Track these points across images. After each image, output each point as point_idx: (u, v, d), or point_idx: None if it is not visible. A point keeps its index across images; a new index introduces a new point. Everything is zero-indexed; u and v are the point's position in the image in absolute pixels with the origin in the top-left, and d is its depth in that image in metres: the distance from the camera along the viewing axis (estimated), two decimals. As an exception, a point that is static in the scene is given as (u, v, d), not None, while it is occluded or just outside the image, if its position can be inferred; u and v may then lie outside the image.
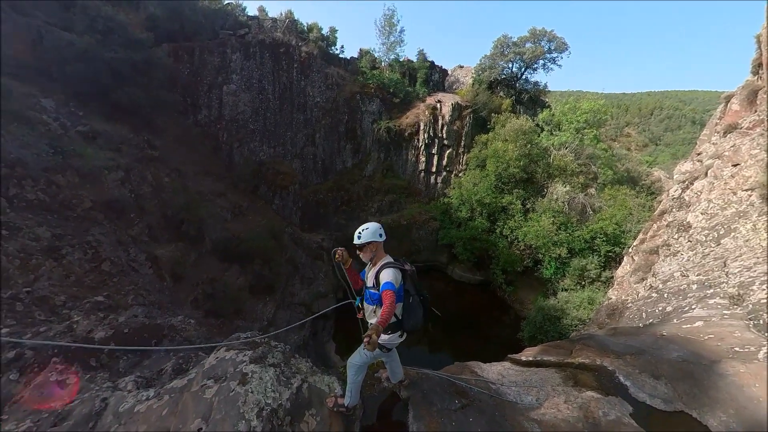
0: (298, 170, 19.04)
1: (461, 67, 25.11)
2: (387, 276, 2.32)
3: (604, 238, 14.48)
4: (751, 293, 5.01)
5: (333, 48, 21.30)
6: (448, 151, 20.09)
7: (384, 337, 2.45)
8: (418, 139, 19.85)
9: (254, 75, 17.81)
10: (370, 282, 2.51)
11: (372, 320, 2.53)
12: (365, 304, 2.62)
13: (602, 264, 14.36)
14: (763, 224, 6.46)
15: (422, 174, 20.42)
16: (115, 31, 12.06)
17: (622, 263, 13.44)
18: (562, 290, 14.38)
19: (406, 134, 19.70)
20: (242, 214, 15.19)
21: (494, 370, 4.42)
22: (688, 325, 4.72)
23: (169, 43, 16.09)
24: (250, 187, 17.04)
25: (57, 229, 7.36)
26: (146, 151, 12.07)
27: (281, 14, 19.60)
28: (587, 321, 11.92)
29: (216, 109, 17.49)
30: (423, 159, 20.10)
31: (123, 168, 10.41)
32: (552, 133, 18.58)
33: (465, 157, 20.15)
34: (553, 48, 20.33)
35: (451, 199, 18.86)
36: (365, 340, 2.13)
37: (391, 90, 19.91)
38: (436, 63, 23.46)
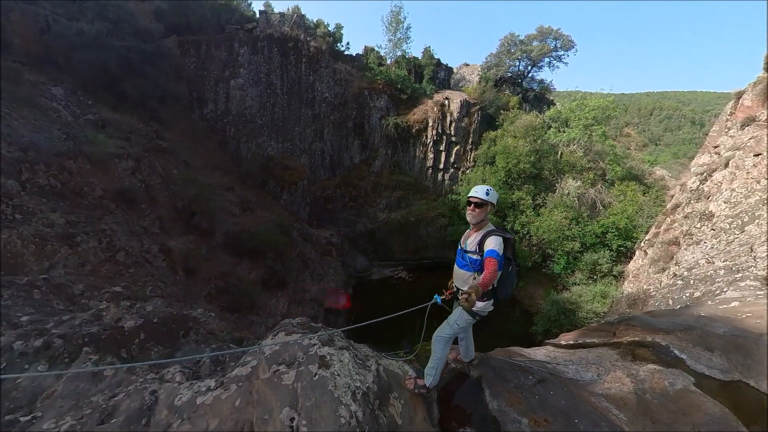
0: (306, 166, 18.83)
1: (467, 65, 25.15)
2: (492, 243, 2.25)
3: (615, 233, 14.50)
4: (782, 275, 5.08)
5: (339, 45, 21.19)
6: (456, 148, 20.05)
7: (479, 304, 2.35)
8: (426, 136, 19.78)
9: (262, 69, 17.63)
10: (471, 247, 2.40)
11: (464, 288, 2.40)
12: (460, 270, 2.50)
13: (614, 258, 14.36)
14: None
15: (430, 170, 20.34)
16: (125, 19, 11.83)
17: (634, 257, 13.43)
18: (573, 285, 14.34)
19: (414, 131, 19.61)
20: (251, 209, 14.93)
21: (540, 353, 4.30)
22: (725, 306, 4.76)
23: (175, 36, 15.87)
24: (258, 182, 16.80)
25: (70, 215, 7.11)
26: (155, 142, 11.83)
27: (288, 9, 19.46)
28: (602, 314, 11.87)
29: (223, 103, 17.26)
30: (431, 156, 20.02)
31: (133, 157, 10.16)
32: (560, 130, 18.65)
33: (473, 154, 20.11)
34: (559, 46, 20.46)
35: (460, 195, 18.80)
36: (463, 296, 2.00)
37: (399, 86, 19.83)
38: (441, 61, 23.46)
